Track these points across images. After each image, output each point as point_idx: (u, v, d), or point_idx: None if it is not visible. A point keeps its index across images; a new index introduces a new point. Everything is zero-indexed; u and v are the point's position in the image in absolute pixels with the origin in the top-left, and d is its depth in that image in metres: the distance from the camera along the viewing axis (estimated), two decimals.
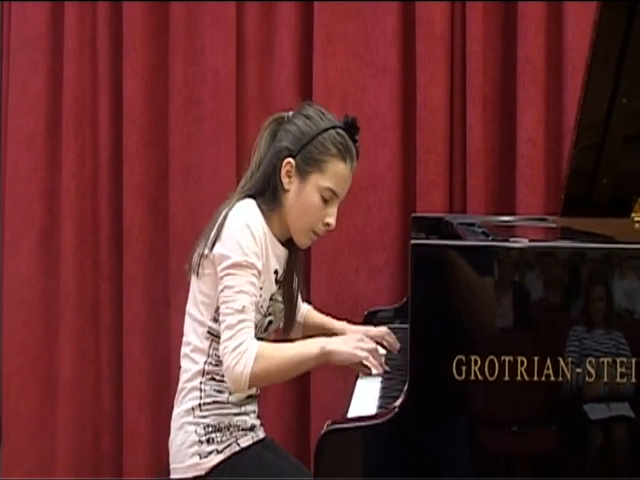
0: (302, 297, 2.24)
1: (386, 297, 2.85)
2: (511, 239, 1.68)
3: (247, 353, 1.87)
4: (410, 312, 1.61)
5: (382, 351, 2.16)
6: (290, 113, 2.08)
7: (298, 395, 2.99)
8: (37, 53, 3.13)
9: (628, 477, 1.60)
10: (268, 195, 2.03)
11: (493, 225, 2.38)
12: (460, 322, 1.59)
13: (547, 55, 2.80)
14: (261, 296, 2.00)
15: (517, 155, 2.81)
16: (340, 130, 2.02)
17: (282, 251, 2.07)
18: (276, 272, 2.05)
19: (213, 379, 2.00)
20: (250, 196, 2.03)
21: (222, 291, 1.93)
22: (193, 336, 2.03)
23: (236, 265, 1.92)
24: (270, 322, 2.08)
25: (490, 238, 1.90)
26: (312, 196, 2.01)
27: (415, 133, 2.89)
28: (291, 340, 2.14)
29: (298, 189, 2.01)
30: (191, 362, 2.03)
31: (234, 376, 1.87)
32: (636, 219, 2.26)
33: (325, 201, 2.02)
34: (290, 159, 2.01)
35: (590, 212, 2.31)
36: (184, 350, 2.06)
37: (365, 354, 1.88)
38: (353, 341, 1.93)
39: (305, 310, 2.31)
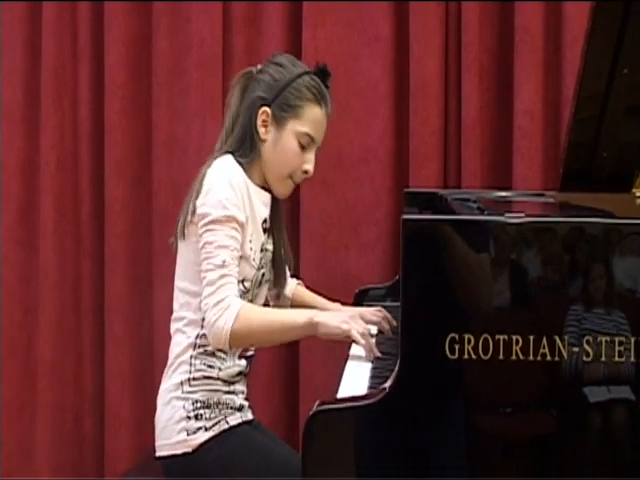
0: (290, 266, 2.24)
1: (378, 275, 2.85)
2: (506, 214, 1.68)
3: (229, 309, 1.91)
4: (401, 289, 1.61)
5: (374, 330, 2.17)
6: (259, 66, 2.11)
7: (287, 377, 2.99)
8: (13, 20, 3.10)
9: (627, 458, 1.61)
10: (246, 148, 2.06)
11: (489, 200, 2.39)
12: (453, 300, 1.59)
13: (546, 23, 2.78)
14: (251, 249, 2.03)
15: (514, 127, 2.80)
16: (313, 76, 2.07)
17: (267, 197, 2.10)
18: (265, 221, 2.09)
19: (204, 352, 2.02)
20: (228, 152, 2.06)
21: (202, 248, 1.96)
22: (186, 310, 2.04)
23: (215, 221, 1.95)
24: (263, 274, 2.10)
25: (485, 213, 1.90)
26: (290, 142, 2.05)
27: (408, 104, 2.88)
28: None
29: (275, 137, 2.05)
30: (183, 335, 2.05)
31: (215, 330, 1.91)
32: (637, 194, 2.26)
33: (302, 147, 2.05)
34: (265, 108, 2.05)
35: (590, 187, 2.31)
36: (176, 325, 2.07)
37: (348, 327, 1.89)
38: (343, 315, 1.95)
39: (294, 285, 2.33)
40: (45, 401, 3.11)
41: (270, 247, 2.12)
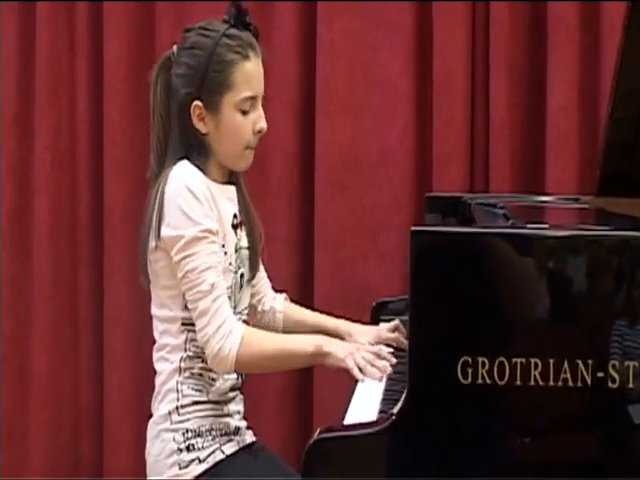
0: (263, 258, 2.19)
1: (397, 286, 2.82)
2: (528, 225, 1.66)
3: (232, 335, 1.90)
4: (410, 307, 1.60)
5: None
6: (174, 49, 2.06)
7: (299, 396, 2.99)
8: (6, 13, 3.11)
9: None
10: (195, 151, 2.02)
11: (516, 206, 2.37)
12: (466, 319, 1.58)
13: (581, 13, 2.76)
14: (226, 254, 2.01)
15: (547, 126, 2.78)
16: (229, 31, 2.00)
17: (232, 191, 2.08)
18: (235, 216, 2.06)
19: (191, 375, 2.00)
20: (182, 158, 2.02)
21: (184, 277, 1.93)
22: (167, 337, 2.03)
23: (191, 242, 1.92)
24: (242, 275, 2.08)
25: (509, 223, 1.88)
26: (231, 118, 2.00)
27: (431, 101, 2.87)
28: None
29: (215, 123, 2.01)
30: (166, 362, 2.03)
31: (219, 359, 1.90)
32: None
33: (246, 112, 2.02)
34: (196, 102, 2.00)
35: (629, 191, 2.28)
36: (159, 354, 2.05)
37: (352, 365, 1.86)
38: (352, 348, 1.92)
39: (281, 298, 2.29)
40: (39, 419, 3.13)
41: (245, 243, 2.09)
